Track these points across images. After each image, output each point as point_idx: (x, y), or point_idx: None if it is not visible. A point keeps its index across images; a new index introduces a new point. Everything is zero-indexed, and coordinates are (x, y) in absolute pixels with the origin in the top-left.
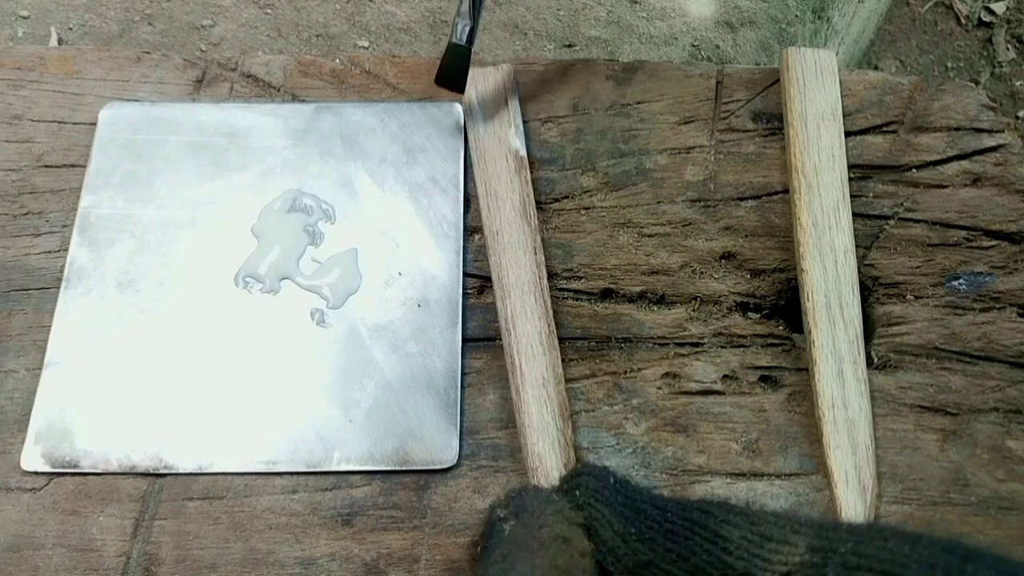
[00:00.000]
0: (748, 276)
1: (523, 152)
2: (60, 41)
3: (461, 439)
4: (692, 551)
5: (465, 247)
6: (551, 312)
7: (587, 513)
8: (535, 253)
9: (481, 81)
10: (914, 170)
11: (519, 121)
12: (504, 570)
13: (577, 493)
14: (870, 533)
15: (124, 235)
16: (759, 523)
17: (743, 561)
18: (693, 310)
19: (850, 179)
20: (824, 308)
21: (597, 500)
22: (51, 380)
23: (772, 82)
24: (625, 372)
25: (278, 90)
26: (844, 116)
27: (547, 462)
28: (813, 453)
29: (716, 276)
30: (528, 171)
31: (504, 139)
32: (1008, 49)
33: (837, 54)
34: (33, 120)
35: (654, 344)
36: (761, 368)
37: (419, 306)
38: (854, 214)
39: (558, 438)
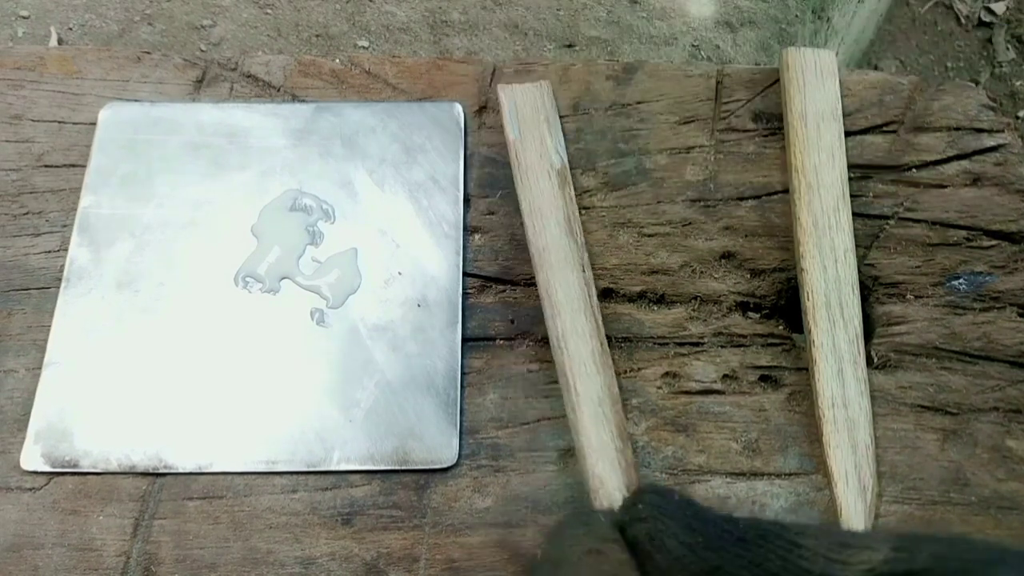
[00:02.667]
0: (748, 276)
1: (567, 170)
2: (60, 41)
3: (461, 439)
4: (766, 557)
5: (465, 247)
6: (603, 330)
7: (650, 526)
8: (583, 271)
9: (520, 97)
10: (914, 170)
11: (560, 138)
12: None
13: (639, 507)
14: (952, 540)
15: (124, 235)
16: (838, 535)
17: (820, 565)
18: (693, 310)
19: (850, 179)
20: (824, 308)
21: (661, 513)
22: (51, 380)
23: (772, 82)
24: (625, 372)
25: (278, 90)
26: (844, 116)
27: (608, 483)
28: (813, 453)
29: (716, 276)
30: (571, 187)
31: (545, 155)
32: (1008, 49)
33: (837, 54)
34: (33, 120)
35: (654, 344)
36: (761, 368)
37: (419, 306)
38: (854, 214)
39: (618, 459)
